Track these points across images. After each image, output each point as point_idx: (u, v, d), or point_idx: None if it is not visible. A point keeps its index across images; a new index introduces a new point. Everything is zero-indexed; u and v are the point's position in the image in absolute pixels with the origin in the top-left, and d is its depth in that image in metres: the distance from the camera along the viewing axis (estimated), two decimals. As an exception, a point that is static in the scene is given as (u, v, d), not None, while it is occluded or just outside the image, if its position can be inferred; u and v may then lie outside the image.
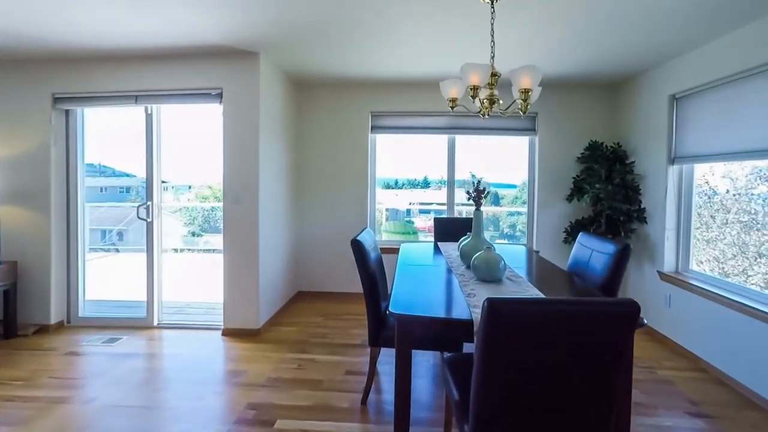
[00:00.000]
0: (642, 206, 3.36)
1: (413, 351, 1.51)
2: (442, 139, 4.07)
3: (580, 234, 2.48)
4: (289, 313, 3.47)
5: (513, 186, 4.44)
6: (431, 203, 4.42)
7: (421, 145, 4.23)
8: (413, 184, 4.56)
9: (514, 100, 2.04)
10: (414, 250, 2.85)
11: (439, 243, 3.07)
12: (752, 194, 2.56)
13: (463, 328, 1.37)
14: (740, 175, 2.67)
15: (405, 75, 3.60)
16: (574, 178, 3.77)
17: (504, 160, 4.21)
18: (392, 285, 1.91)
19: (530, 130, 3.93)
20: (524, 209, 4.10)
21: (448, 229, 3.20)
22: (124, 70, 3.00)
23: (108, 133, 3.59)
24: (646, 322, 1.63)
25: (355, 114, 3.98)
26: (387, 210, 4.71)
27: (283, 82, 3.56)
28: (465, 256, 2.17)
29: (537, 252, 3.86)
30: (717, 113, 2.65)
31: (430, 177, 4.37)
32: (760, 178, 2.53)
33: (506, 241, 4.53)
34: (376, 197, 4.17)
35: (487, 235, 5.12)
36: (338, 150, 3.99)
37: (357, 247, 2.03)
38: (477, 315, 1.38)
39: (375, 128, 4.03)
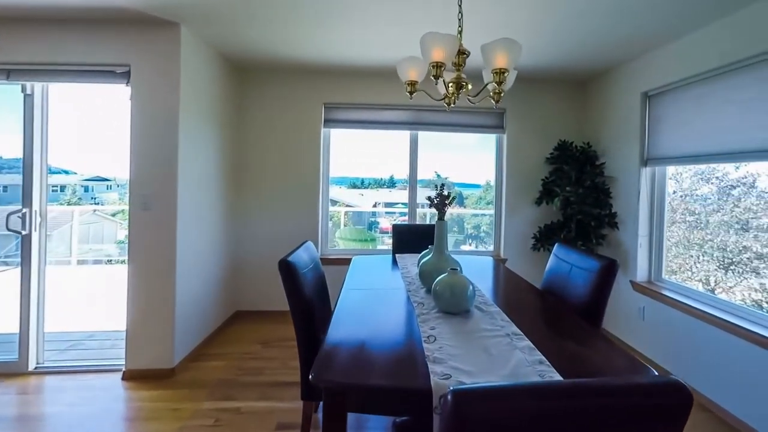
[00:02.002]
0: (613, 210, 3.15)
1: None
2: (404, 135, 3.67)
3: (556, 246, 2.16)
4: (219, 340, 2.88)
5: (477, 186, 4.17)
6: (397, 203, 4.09)
7: (383, 141, 3.79)
8: (379, 184, 4.20)
9: (486, 84, 1.65)
10: (366, 265, 2.41)
11: (397, 255, 2.65)
12: (696, 195, 2.56)
13: (418, 400, 0.95)
14: (685, 177, 2.69)
15: (363, 62, 3.15)
16: (543, 180, 3.51)
17: (469, 159, 3.88)
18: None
19: (498, 127, 3.63)
20: (489, 211, 3.80)
21: (408, 237, 2.78)
22: (-11, 36, 2.30)
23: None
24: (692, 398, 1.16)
25: (306, 105, 3.47)
26: (351, 212, 4.30)
27: (218, 65, 2.98)
28: (425, 276, 1.76)
29: (505, 261, 3.56)
30: (691, 112, 2.44)
31: (397, 176, 4.00)
32: (702, 180, 2.53)
33: (471, 245, 4.25)
34: (330, 199, 3.69)
35: (450, 239, 4.87)
36: (286, 146, 3.46)
37: (287, 270, 1.56)
38: (437, 383, 0.96)
39: (329, 122, 3.55)
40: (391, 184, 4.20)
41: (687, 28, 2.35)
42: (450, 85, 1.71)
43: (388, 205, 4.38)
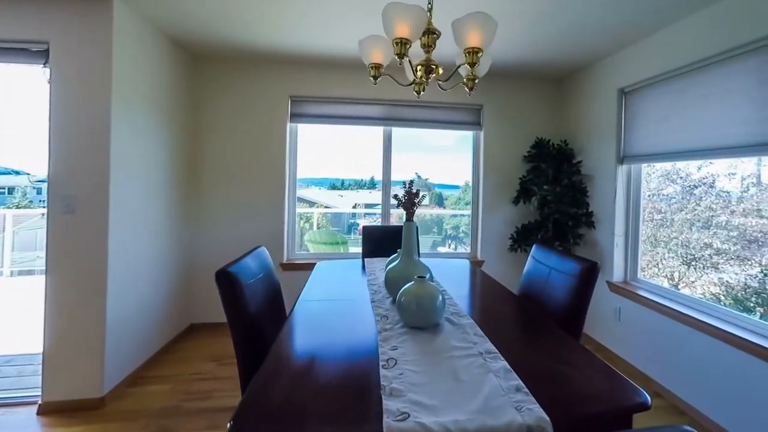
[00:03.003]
0: (590, 210, 3.06)
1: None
2: (377, 131, 3.47)
3: (534, 247, 2.01)
4: (166, 360, 2.55)
5: (457, 187, 4.07)
6: (377, 204, 3.93)
7: (361, 140, 3.57)
8: (360, 185, 4.02)
9: (458, 66, 1.47)
10: (330, 271, 2.19)
11: (367, 260, 2.44)
12: (662, 194, 2.58)
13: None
14: (653, 177, 2.71)
15: (332, 52, 2.93)
16: (521, 178, 3.40)
17: (449, 160, 3.73)
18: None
19: (475, 124, 3.49)
20: (467, 211, 3.65)
21: (379, 240, 2.58)
22: None
23: None
24: None
25: (270, 98, 3.21)
26: (330, 213, 4.07)
27: (167, 50, 2.68)
28: (391, 284, 1.56)
29: (482, 263, 3.42)
30: (668, 108, 2.37)
31: (378, 177, 3.83)
32: (668, 180, 2.57)
33: (450, 246, 4.11)
34: (308, 200, 3.45)
35: (428, 240, 4.74)
36: (249, 142, 3.18)
37: (226, 282, 1.32)
38: (391, 428, 0.75)
39: (296, 116, 3.30)
40: (372, 185, 4.06)
41: (664, 21, 2.28)
42: (418, 68, 1.52)
43: (368, 206, 4.22)
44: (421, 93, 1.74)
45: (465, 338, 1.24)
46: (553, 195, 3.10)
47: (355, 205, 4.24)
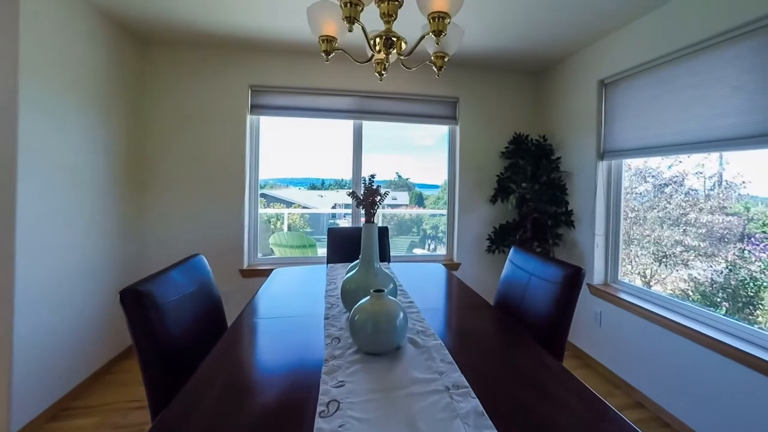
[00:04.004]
0: (569, 208, 2.92)
1: None
2: (347, 125, 3.23)
3: (512, 250, 1.82)
4: (101, 385, 2.21)
5: (436, 187, 3.90)
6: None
7: (338, 135, 3.30)
8: (340, 185, 3.80)
9: (423, 36, 1.24)
10: (287, 280, 1.93)
11: (330, 265, 2.19)
12: (636, 193, 2.56)
13: None
14: (626, 176, 2.66)
15: (297, 37, 2.66)
16: (498, 175, 3.23)
17: (430, 160, 3.53)
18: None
19: (450, 118, 3.30)
20: (445, 211, 3.46)
21: (346, 244, 2.34)
22: None
23: None
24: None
25: (228, 88, 2.90)
26: (309, 214, 3.82)
27: (102, 30, 2.33)
28: (348, 298, 1.33)
29: (458, 266, 3.24)
30: (650, 100, 2.24)
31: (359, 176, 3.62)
32: (640, 178, 2.55)
33: (430, 246, 3.93)
34: (285, 200, 3.19)
35: (405, 241, 4.54)
36: (204, 136, 2.87)
37: (134, 304, 1.05)
38: None
39: (257, 108, 3.01)
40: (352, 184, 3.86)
41: (646, 7, 2.14)
42: (376, 41, 1.29)
43: (348, 206, 4.00)
44: (383, 74, 1.51)
45: (430, 366, 1.02)
46: (531, 193, 2.95)
47: (335, 205, 4.02)
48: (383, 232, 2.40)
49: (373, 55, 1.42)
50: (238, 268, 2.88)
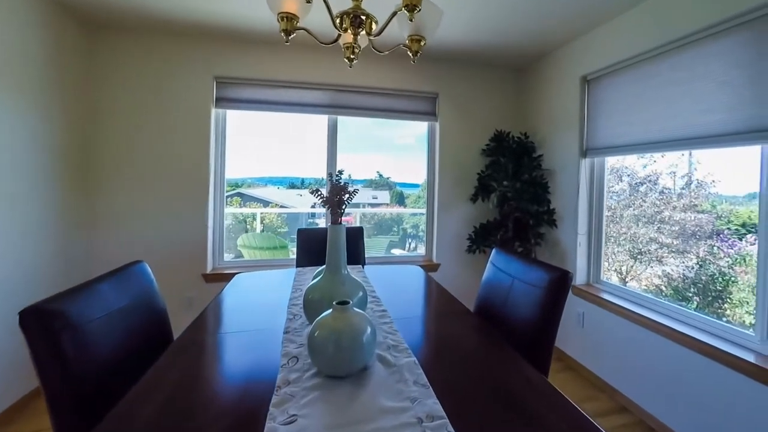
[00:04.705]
0: (551, 207, 2.85)
1: None
2: (322, 119, 3.05)
3: (494, 252, 1.70)
4: (32, 411, 1.95)
5: (416, 186, 3.79)
6: None
7: (312, 131, 3.12)
8: (321, 184, 3.62)
9: (394, 13, 1.10)
10: (248, 287, 1.74)
11: (299, 269, 2.01)
12: (612, 191, 2.56)
13: None
14: (604, 174, 2.64)
15: (267, 26, 2.47)
16: (479, 174, 3.13)
17: (411, 159, 3.40)
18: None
19: (430, 114, 3.17)
20: (425, 210, 3.33)
21: (317, 246, 2.17)
22: None
23: None
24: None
25: (190, 79, 2.67)
26: (286, 214, 3.62)
27: (42, 12, 2.07)
28: (311, 309, 1.17)
29: (437, 266, 3.12)
30: (634, 96, 2.18)
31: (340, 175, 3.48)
32: (616, 177, 2.55)
33: (408, 247, 3.80)
34: (263, 200, 2.99)
35: (384, 240, 4.39)
36: (162, 130, 2.63)
37: (37, 327, 0.85)
38: None
39: (223, 101, 2.79)
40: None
41: (629, 3, 2.07)
42: (343, 19, 1.13)
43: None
44: (353, 59, 1.35)
45: (401, 392, 0.87)
46: (513, 191, 2.86)
47: (314, 204, 3.76)
48: (358, 233, 2.25)
49: (339, 36, 1.26)
50: (201, 272, 2.65)
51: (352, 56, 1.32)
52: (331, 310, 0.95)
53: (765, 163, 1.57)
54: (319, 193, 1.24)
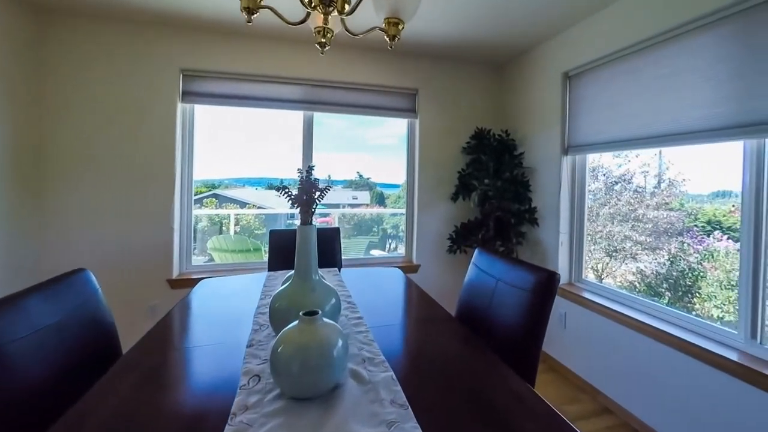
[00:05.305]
0: (533, 205, 2.82)
1: None
2: (300, 117, 2.91)
3: (476, 253, 1.62)
4: None
5: (397, 186, 3.72)
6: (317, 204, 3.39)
7: (293, 131, 2.98)
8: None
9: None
10: (212, 294, 1.59)
11: (270, 274, 1.88)
12: (589, 190, 2.54)
13: None
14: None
15: (236, 14, 2.30)
16: (460, 172, 3.07)
17: (392, 159, 3.30)
18: None
19: (410, 110, 3.09)
20: (405, 210, 3.25)
21: (290, 248, 2.03)
22: None
23: None
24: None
25: (154, 71, 2.48)
26: (264, 215, 3.46)
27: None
28: (277, 319, 1.05)
29: (418, 267, 3.03)
30: (616, 92, 2.16)
31: (318, 174, 3.36)
32: (593, 176, 2.55)
33: (389, 248, 3.71)
34: (240, 201, 2.84)
35: (364, 241, 4.28)
36: (123, 126, 2.43)
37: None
38: None
39: (190, 95, 2.61)
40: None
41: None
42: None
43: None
44: (325, 44, 1.24)
45: (376, 414, 0.76)
46: (494, 190, 2.81)
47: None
48: (333, 234, 2.13)
49: (309, 14, 1.14)
50: (166, 278, 2.47)
51: (323, 40, 1.21)
52: (295, 324, 0.84)
53: (748, 158, 1.56)
54: (287, 190, 1.11)
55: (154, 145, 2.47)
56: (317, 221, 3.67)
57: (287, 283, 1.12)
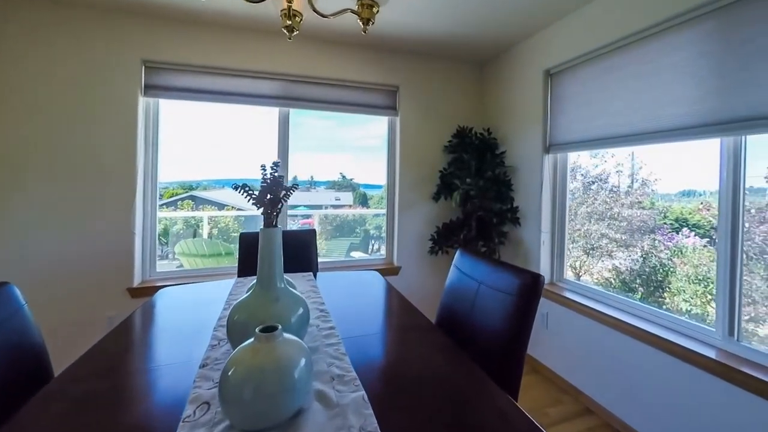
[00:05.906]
0: (515, 205, 2.78)
1: None
2: (273, 112, 2.77)
3: (458, 254, 1.54)
4: None
5: (380, 187, 3.63)
6: (298, 206, 3.44)
7: (266, 126, 2.82)
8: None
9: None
10: (171, 305, 1.45)
11: (239, 281, 1.74)
12: (568, 189, 2.56)
13: None
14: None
15: (208, 3, 2.15)
16: (441, 171, 3.00)
17: (375, 160, 3.19)
18: None
19: (390, 108, 2.99)
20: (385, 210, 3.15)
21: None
22: None
23: None
24: None
25: (112, 63, 2.29)
26: (243, 217, 3.29)
27: None
28: (235, 334, 0.93)
29: (398, 269, 2.95)
30: (599, 90, 2.13)
31: (301, 177, 3.26)
32: (571, 176, 2.55)
33: (371, 249, 3.61)
34: (219, 203, 2.68)
35: (345, 242, 4.16)
36: (77, 121, 2.22)
37: None
38: None
39: (153, 89, 2.43)
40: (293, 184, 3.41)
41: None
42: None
43: (291, 207, 3.54)
44: (293, 28, 1.13)
45: (342, 446, 0.66)
46: (476, 189, 2.75)
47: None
48: (309, 237, 2.01)
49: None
50: (126, 286, 2.28)
51: (289, 22, 1.10)
52: (249, 342, 0.72)
53: (725, 156, 1.54)
54: (247, 189, 1.00)
55: (113, 142, 2.28)
56: (299, 223, 3.53)
57: (246, 294, 1.00)
